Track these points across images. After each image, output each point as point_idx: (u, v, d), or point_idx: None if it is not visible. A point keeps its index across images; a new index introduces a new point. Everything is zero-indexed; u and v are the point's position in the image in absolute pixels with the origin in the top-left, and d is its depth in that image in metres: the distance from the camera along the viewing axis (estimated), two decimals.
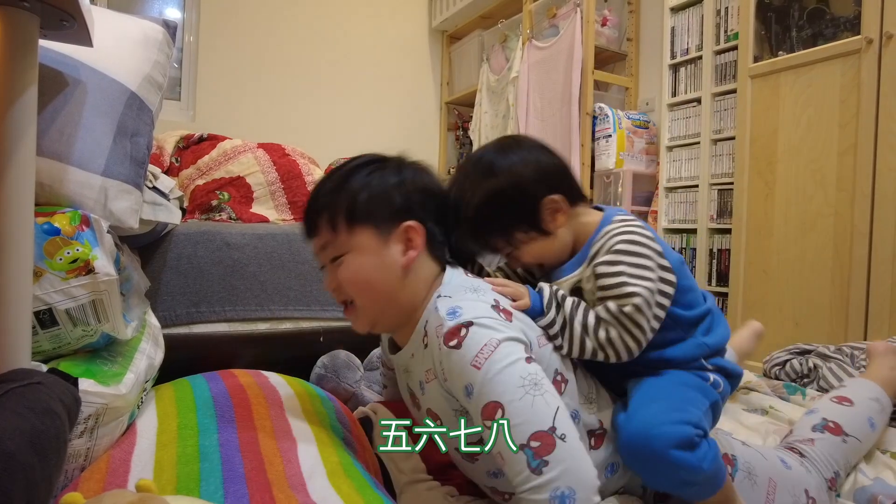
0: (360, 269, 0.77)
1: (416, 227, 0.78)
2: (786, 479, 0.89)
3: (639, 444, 0.71)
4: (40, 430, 0.52)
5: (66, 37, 0.73)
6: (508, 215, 0.82)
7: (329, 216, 0.78)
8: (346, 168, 0.82)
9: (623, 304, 0.75)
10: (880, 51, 1.77)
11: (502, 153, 0.84)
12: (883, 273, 1.74)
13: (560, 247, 0.85)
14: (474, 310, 0.70)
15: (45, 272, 0.71)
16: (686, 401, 0.76)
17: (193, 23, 3.19)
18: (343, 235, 0.77)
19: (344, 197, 0.78)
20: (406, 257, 0.78)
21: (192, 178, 1.63)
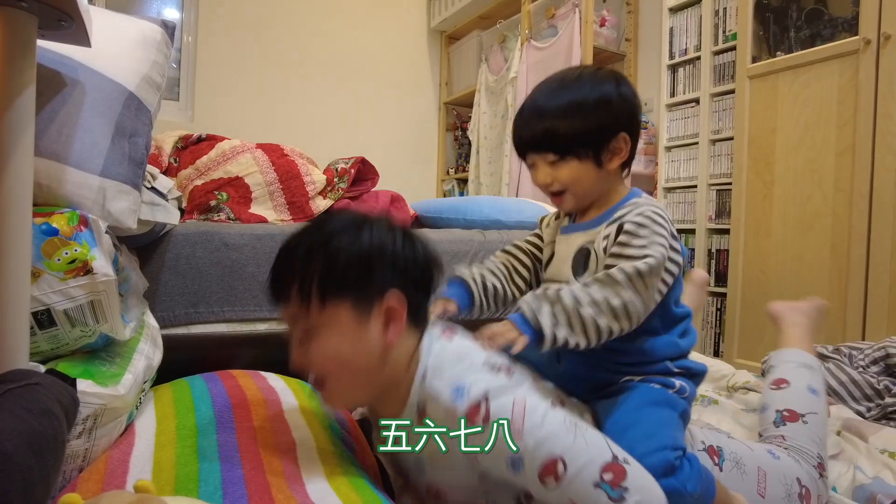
0: (335, 349, 0.69)
1: (399, 302, 0.70)
2: (776, 469, 0.89)
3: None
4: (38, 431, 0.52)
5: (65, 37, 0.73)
6: (584, 126, 0.81)
7: (300, 285, 0.68)
8: (324, 229, 0.71)
9: (638, 265, 0.75)
10: (878, 51, 1.78)
11: (612, 75, 0.84)
12: (881, 273, 1.74)
13: (593, 186, 0.85)
14: (478, 379, 0.66)
15: (43, 273, 0.71)
16: (658, 423, 0.76)
17: (192, 23, 3.19)
18: (315, 309, 0.68)
19: (318, 264, 0.68)
20: (388, 337, 0.70)
21: (191, 178, 1.63)
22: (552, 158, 0.84)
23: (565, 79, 0.85)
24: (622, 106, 0.83)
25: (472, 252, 1.60)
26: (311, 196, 1.68)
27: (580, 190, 0.85)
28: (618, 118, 0.82)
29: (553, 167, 0.84)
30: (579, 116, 0.81)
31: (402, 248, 0.72)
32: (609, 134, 0.82)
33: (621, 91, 0.83)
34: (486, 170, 3.41)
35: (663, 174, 2.60)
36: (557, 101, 0.82)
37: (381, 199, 1.84)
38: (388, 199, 1.85)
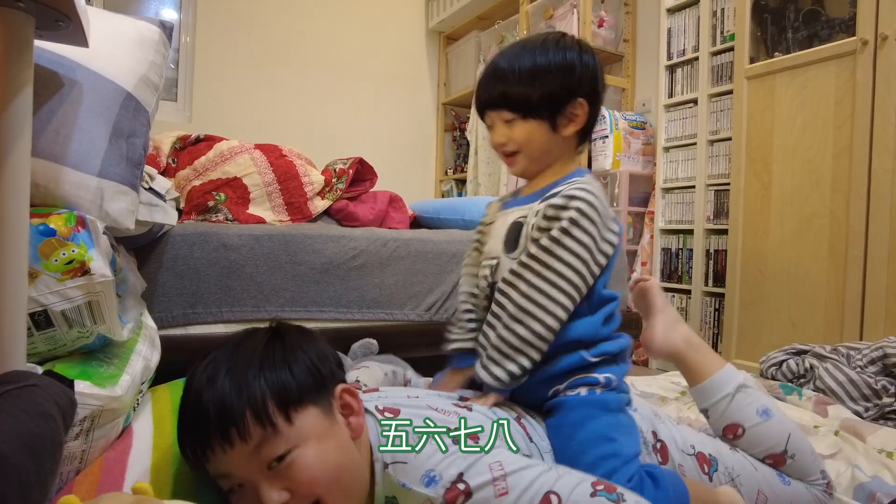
0: (322, 460, 0.63)
1: (351, 389, 0.70)
2: (782, 495, 0.84)
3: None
4: (35, 433, 0.52)
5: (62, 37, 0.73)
6: (542, 87, 0.82)
7: (255, 412, 0.61)
8: (242, 353, 0.67)
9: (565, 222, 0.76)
10: (875, 52, 1.78)
11: (576, 42, 0.86)
12: (878, 273, 1.75)
13: (546, 149, 0.86)
14: (445, 460, 0.63)
15: (40, 273, 0.71)
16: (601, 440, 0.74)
17: (190, 23, 3.19)
18: (284, 429, 0.62)
19: (265, 382, 0.63)
20: (353, 428, 0.68)
21: (189, 179, 1.62)
22: (508, 117, 0.84)
23: (528, 42, 0.86)
24: (584, 72, 0.83)
25: None
26: (309, 197, 1.68)
27: (533, 151, 0.86)
28: (578, 84, 0.83)
29: (509, 126, 0.85)
30: (538, 78, 0.82)
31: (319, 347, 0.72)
32: (566, 97, 0.83)
33: (583, 59, 0.84)
34: (484, 170, 3.41)
35: (661, 174, 2.60)
36: (519, 62, 0.83)
37: (379, 200, 1.84)
38: (386, 200, 1.86)
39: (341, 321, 1.42)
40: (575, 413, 0.77)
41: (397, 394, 0.80)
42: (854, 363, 1.47)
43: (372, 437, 0.69)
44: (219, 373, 0.64)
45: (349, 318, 1.43)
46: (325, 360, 0.70)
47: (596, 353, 0.81)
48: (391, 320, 1.47)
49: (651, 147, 2.76)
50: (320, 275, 1.40)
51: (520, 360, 0.77)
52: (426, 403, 0.73)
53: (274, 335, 0.70)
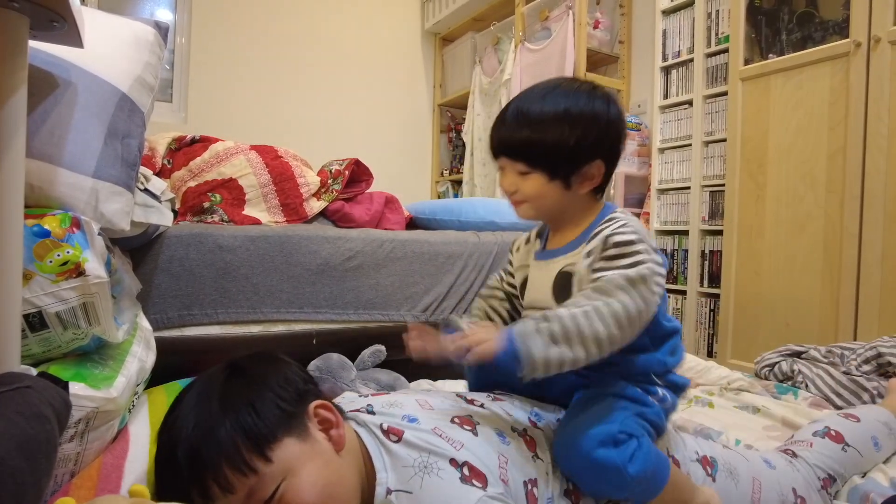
0: (314, 482, 0.64)
1: (324, 404, 0.71)
2: (771, 478, 0.89)
3: (567, 448, 0.71)
4: (30, 435, 0.52)
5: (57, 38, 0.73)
6: (564, 140, 0.77)
7: (231, 462, 0.62)
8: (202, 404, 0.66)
9: (630, 272, 0.71)
10: (868, 54, 1.79)
11: (605, 94, 0.81)
12: (872, 274, 1.76)
13: (556, 206, 0.82)
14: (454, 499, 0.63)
15: (34, 275, 0.70)
16: (616, 406, 0.75)
17: (185, 25, 3.18)
18: (263, 469, 0.62)
19: (233, 430, 0.63)
20: (335, 441, 0.69)
21: (184, 179, 1.62)
22: (522, 168, 0.80)
23: (558, 87, 0.81)
24: (609, 128, 0.80)
25: (467, 253, 1.60)
26: (305, 198, 1.68)
27: (542, 207, 0.83)
28: (601, 141, 0.79)
29: (521, 177, 0.81)
30: (559, 133, 0.77)
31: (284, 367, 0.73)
32: (585, 157, 0.79)
33: (611, 111, 0.80)
34: (480, 171, 3.41)
35: (657, 175, 2.61)
36: (546, 109, 0.79)
37: (375, 201, 1.84)
38: (382, 201, 1.85)
39: (337, 322, 1.42)
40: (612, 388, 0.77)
41: (406, 402, 0.78)
42: (848, 363, 1.48)
43: (373, 454, 0.69)
44: (185, 427, 0.64)
45: (345, 320, 1.43)
46: (289, 385, 0.70)
47: (666, 379, 0.83)
48: (387, 321, 1.47)
49: (646, 148, 2.77)
50: (316, 276, 1.39)
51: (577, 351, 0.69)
52: (432, 427, 0.71)
53: (231, 375, 0.70)
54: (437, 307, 1.53)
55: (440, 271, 1.55)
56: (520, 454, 0.73)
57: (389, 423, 0.72)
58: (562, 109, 0.77)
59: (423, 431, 0.70)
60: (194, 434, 0.63)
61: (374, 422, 0.73)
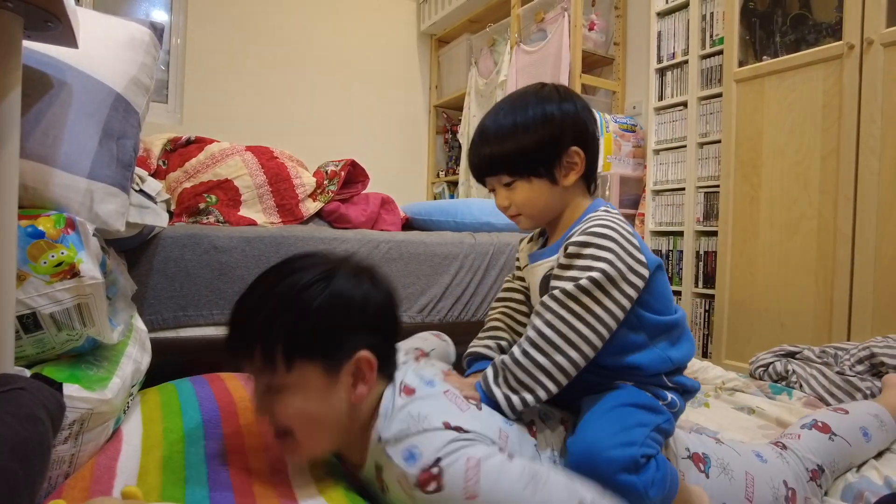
0: (302, 409, 0.66)
1: (370, 360, 0.68)
2: (762, 472, 0.90)
3: (586, 467, 0.69)
4: (23, 437, 0.52)
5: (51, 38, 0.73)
6: (528, 145, 0.81)
7: (264, 347, 0.65)
8: (287, 282, 0.67)
9: (578, 283, 0.73)
10: (861, 56, 1.80)
11: (555, 91, 0.85)
12: (865, 274, 1.77)
13: (549, 205, 0.85)
14: (431, 441, 0.63)
15: (28, 276, 0.70)
16: (636, 423, 0.74)
17: (181, 25, 3.18)
18: (281, 371, 0.65)
19: (283, 325, 0.65)
20: (356, 394, 0.68)
21: (180, 180, 1.62)
22: (506, 180, 0.84)
23: (512, 101, 0.85)
24: (564, 120, 0.82)
25: (463, 254, 1.60)
26: (300, 199, 1.68)
27: (535, 210, 0.85)
28: (563, 133, 0.82)
29: (508, 189, 0.84)
30: (522, 136, 0.81)
31: (371, 298, 0.69)
32: (557, 150, 0.82)
33: (563, 107, 0.82)
34: None
35: (651, 177, 2.62)
36: (502, 123, 0.83)
37: (371, 202, 1.84)
38: (378, 202, 1.85)
39: None
40: (630, 394, 0.78)
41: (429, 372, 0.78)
42: (842, 363, 1.48)
43: (384, 403, 0.70)
44: (260, 289, 0.68)
45: None
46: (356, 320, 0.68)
47: (675, 381, 0.83)
48: None
49: (641, 149, 2.78)
50: None
51: (536, 390, 0.74)
52: (444, 389, 0.73)
53: (324, 277, 0.67)
54: (433, 308, 1.53)
55: (436, 272, 1.55)
56: (521, 437, 0.73)
57: (408, 381, 0.73)
58: (517, 120, 0.82)
59: (434, 394, 0.71)
60: (258, 302, 0.67)
61: (398, 375, 0.73)
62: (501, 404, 0.74)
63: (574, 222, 0.84)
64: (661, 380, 0.82)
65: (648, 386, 0.81)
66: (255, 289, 0.69)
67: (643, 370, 0.80)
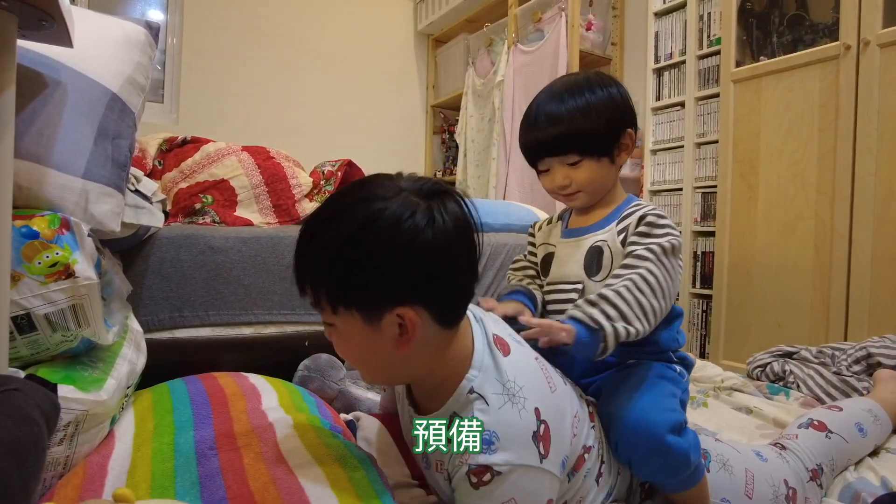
0: (349, 348, 0.69)
1: (413, 318, 0.63)
2: (762, 470, 0.91)
3: (638, 434, 0.75)
4: (17, 438, 0.51)
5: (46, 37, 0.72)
6: (600, 125, 0.86)
7: (312, 288, 0.66)
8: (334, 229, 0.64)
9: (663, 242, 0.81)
10: (858, 57, 1.81)
11: (607, 76, 0.91)
12: (862, 274, 1.77)
13: (605, 183, 0.90)
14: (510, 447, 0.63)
15: (23, 276, 0.70)
16: (667, 391, 0.82)
17: (177, 25, 3.17)
18: (328, 312, 0.66)
19: (325, 275, 0.64)
20: (399, 345, 0.65)
21: (176, 181, 1.61)
22: (574, 159, 0.87)
23: (569, 84, 0.89)
24: (624, 103, 0.89)
25: None
26: (297, 199, 1.67)
27: (596, 188, 0.90)
28: (623, 114, 0.88)
29: (572, 168, 0.88)
30: (595, 116, 0.86)
31: (422, 243, 0.62)
32: (619, 130, 0.88)
33: (621, 91, 0.90)
34: (473, 173, 3.41)
35: (649, 177, 2.62)
36: (570, 104, 0.87)
37: None
38: None
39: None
40: (653, 368, 0.84)
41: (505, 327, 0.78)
42: (839, 363, 1.49)
43: (477, 351, 0.68)
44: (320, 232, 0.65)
45: None
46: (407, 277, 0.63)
47: (678, 356, 0.90)
48: None
49: (639, 150, 2.78)
50: None
51: (633, 323, 0.76)
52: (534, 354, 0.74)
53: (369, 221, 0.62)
54: None
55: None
56: (587, 419, 0.77)
57: (500, 333, 0.73)
58: (590, 100, 0.87)
59: (528, 357, 0.72)
60: (308, 246, 0.66)
61: (488, 325, 0.73)
62: (605, 327, 0.74)
63: (621, 204, 0.91)
64: (669, 356, 0.88)
65: (658, 361, 0.87)
66: (313, 225, 0.66)
67: (658, 346, 0.87)
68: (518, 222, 1.85)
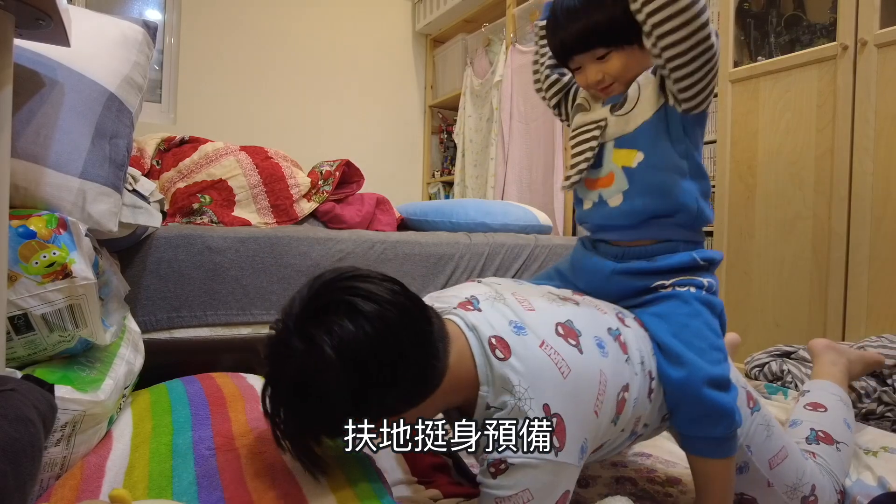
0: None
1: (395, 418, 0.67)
2: (799, 461, 0.89)
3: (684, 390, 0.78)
4: (14, 438, 0.51)
5: (43, 36, 0.72)
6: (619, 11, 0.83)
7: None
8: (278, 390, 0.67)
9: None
10: (855, 57, 1.81)
11: None
12: (859, 274, 1.77)
13: (638, 69, 0.88)
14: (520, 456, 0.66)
15: (20, 276, 0.69)
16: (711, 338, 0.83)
17: (174, 25, 3.16)
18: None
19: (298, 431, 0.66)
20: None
21: (173, 180, 1.61)
22: (601, 53, 0.86)
23: None
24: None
25: (458, 254, 1.60)
26: (295, 199, 1.67)
27: (630, 75, 0.89)
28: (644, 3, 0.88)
29: (602, 62, 0.87)
30: (610, 6, 0.84)
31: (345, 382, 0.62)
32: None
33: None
34: (471, 173, 3.41)
35: None
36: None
37: (366, 202, 1.84)
38: (373, 202, 1.85)
39: None
40: (689, 306, 0.84)
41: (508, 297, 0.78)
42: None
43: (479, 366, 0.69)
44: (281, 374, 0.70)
45: None
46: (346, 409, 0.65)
47: (703, 256, 0.89)
48: None
49: None
50: (307, 277, 1.37)
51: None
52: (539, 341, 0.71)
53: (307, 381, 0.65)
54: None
55: (431, 272, 1.55)
56: (616, 362, 0.76)
57: (497, 333, 0.71)
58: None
59: (531, 348, 0.70)
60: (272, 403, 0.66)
61: (483, 331, 0.71)
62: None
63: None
64: (692, 259, 0.88)
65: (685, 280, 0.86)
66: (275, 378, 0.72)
67: (690, 215, 0.87)
68: (516, 222, 1.86)
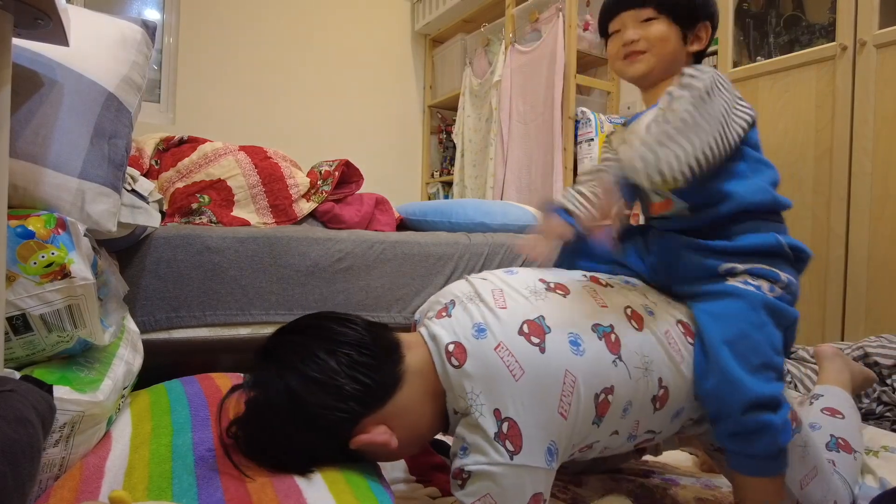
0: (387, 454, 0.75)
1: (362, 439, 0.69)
2: (827, 478, 0.87)
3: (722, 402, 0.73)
4: (12, 439, 0.51)
5: (42, 36, 0.72)
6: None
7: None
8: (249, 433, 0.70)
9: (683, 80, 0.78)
10: (854, 57, 1.81)
11: None
12: (858, 274, 1.78)
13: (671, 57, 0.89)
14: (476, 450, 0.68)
15: (18, 276, 0.69)
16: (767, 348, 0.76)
17: (173, 24, 3.16)
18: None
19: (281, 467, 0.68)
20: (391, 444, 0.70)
21: (172, 180, 1.60)
22: (649, 14, 0.87)
23: None
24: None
25: (458, 255, 1.60)
26: (294, 199, 1.67)
27: (663, 53, 0.88)
28: (706, 4, 0.90)
29: (645, 25, 0.88)
30: None
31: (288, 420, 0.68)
32: (699, 15, 0.89)
33: None
34: (470, 173, 3.41)
35: None
36: None
37: (365, 202, 1.83)
38: (372, 202, 1.85)
39: None
40: (754, 314, 0.78)
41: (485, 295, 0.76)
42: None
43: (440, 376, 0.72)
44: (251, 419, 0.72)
45: None
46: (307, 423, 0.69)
47: (791, 243, 0.84)
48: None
49: None
50: (305, 277, 1.38)
51: (673, 147, 0.73)
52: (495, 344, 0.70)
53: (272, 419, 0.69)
54: None
55: (431, 273, 1.55)
56: (594, 362, 0.72)
57: (457, 339, 0.71)
58: None
59: (486, 352, 0.70)
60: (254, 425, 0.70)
61: (442, 339, 0.72)
62: (621, 154, 0.76)
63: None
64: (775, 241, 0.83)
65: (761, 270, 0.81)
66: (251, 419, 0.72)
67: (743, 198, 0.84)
68: (515, 222, 1.85)
